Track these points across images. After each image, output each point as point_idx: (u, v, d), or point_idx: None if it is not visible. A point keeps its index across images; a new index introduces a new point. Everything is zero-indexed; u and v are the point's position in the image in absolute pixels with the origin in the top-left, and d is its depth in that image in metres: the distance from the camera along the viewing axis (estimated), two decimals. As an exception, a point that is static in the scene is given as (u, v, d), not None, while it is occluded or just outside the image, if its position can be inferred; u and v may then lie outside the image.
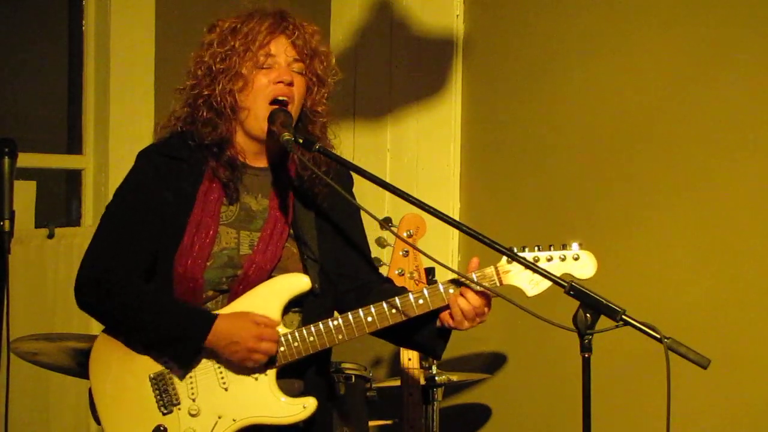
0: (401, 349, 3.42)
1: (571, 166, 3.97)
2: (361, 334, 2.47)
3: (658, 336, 2.15)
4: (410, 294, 2.46)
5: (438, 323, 2.52)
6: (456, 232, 4.14)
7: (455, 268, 4.10)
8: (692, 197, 3.69)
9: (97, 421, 2.49)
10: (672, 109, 3.73)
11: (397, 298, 2.46)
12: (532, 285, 2.44)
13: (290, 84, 2.50)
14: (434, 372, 3.56)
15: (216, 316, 2.42)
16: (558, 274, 2.36)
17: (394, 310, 2.45)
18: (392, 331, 2.51)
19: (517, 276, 2.44)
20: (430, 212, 2.34)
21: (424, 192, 4.22)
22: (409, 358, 3.41)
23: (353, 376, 3.52)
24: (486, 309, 2.46)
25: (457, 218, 4.01)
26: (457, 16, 4.28)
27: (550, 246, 2.44)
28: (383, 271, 3.20)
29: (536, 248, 2.43)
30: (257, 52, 2.49)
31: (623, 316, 2.18)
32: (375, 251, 3.25)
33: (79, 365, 3.15)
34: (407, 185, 3.79)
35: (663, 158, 3.74)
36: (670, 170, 3.73)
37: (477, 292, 2.43)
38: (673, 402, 2.15)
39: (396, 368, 3.69)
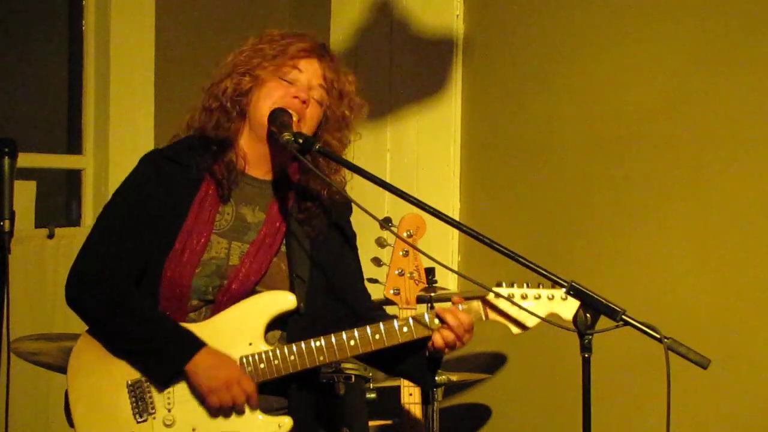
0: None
1: (571, 165, 3.97)
2: (343, 357, 2.45)
3: (658, 336, 2.15)
4: (395, 321, 2.45)
5: (427, 352, 2.50)
6: (456, 232, 4.13)
7: (455, 268, 4.11)
8: (693, 197, 3.68)
9: (71, 424, 2.47)
10: (672, 109, 3.73)
11: (381, 324, 2.44)
12: (517, 322, 2.43)
13: (304, 102, 2.49)
14: (434, 372, 3.57)
15: (203, 344, 2.40)
16: (543, 313, 2.36)
17: (377, 336, 2.43)
18: (380, 358, 2.50)
19: (503, 311, 2.44)
20: (430, 212, 2.34)
21: (424, 192, 4.22)
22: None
23: (353, 376, 3.52)
24: (466, 335, 2.44)
25: (457, 218, 4.00)
26: (457, 16, 4.28)
27: (539, 284, 2.43)
28: (383, 270, 3.20)
29: (525, 285, 2.42)
30: (285, 62, 2.49)
31: (623, 316, 2.18)
32: (375, 251, 3.26)
33: (79, 365, 3.15)
34: (407, 185, 3.78)
35: (663, 158, 3.74)
36: (670, 170, 3.73)
37: (457, 317, 2.43)
38: (673, 402, 2.15)
39: (396, 368, 3.69)
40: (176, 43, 4.24)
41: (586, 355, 2.18)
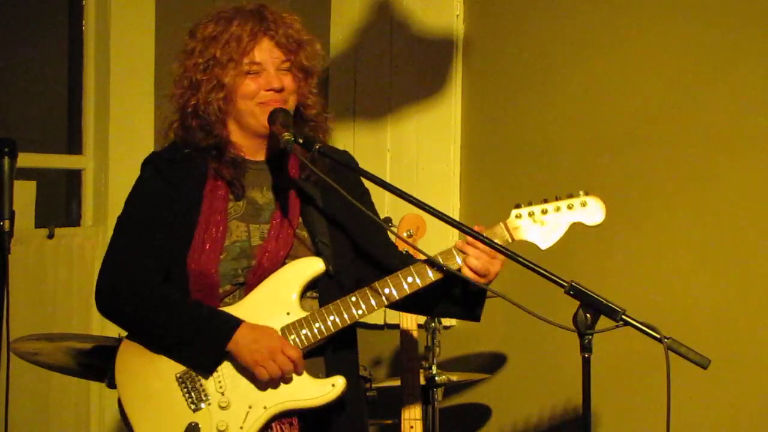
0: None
1: (571, 166, 3.97)
2: (381, 306, 2.47)
3: (658, 336, 2.15)
4: (425, 261, 2.47)
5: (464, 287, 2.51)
6: (456, 232, 4.13)
7: (455, 268, 4.11)
8: (693, 197, 3.69)
9: (130, 429, 2.48)
10: (672, 108, 3.74)
11: (411, 267, 2.47)
12: (544, 237, 2.46)
13: (281, 90, 2.50)
14: (434, 372, 3.56)
15: (240, 322, 2.42)
16: (568, 223, 2.40)
17: (410, 279, 2.46)
18: (418, 302, 2.52)
19: (527, 230, 2.46)
20: (430, 212, 2.34)
21: (424, 192, 4.21)
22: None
23: (353, 376, 3.52)
24: (494, 261, 2.45)
25: (457, 218, 4.00)
26: (457, 16, 4.28)
27: (556, 197, 2.45)
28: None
29: (543, 201, 2.46)
30: (241, 61, 2.48)
31: (623, 316, 2.18)
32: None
33: (79, 365, 3.15)
34: (407, 185, 3.76)
35: (663, 158, 3.74)
36: (670, 170, 3.73)
37: (477, 246, 2.44)
38: (673, 402, 2.15)
39: (396, 368, 3.69)
40: (176, 43, 4.22)
41: (586, 355, 2.18)
